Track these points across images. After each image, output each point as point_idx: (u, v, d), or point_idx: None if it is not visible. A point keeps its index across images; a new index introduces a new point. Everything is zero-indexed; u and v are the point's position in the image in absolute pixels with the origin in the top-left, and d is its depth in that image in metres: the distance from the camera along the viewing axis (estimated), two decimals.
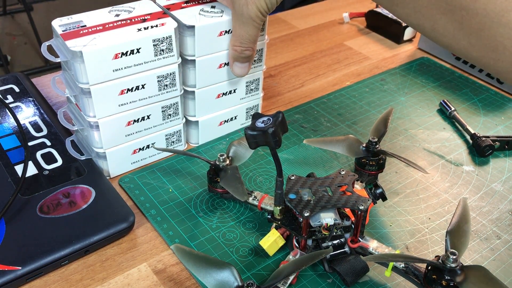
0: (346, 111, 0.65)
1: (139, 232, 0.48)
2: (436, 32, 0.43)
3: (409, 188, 0.54)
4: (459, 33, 0.42)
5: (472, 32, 0.41)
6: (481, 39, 0.40)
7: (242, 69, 0.53)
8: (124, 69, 0.48)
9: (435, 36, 0.44)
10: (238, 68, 0.53)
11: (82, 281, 0.43)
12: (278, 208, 0.44)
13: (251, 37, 0.51)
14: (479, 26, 0.40)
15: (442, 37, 0.43)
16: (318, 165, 0.57)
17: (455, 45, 0.43)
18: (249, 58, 0.53)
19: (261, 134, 0.39)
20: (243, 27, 0.50)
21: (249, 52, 0.52)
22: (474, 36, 0.41)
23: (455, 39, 0.42)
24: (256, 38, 0.51)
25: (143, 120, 0.52)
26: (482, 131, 0.62)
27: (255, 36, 0.51)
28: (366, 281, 0.44)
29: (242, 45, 0.51)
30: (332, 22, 0.89)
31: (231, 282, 0.38)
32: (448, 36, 0.43)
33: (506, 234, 0.49)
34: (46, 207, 0.47)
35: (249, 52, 0.52)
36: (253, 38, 0.51)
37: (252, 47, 0.52)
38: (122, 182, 0.53)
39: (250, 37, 0.51)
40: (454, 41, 0.42)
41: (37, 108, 0.59)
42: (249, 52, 0.52)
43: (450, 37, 0.42)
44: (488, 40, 0.40)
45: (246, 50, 0.52)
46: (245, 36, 0.50)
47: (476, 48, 0.42)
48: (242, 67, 0.53)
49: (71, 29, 0.47)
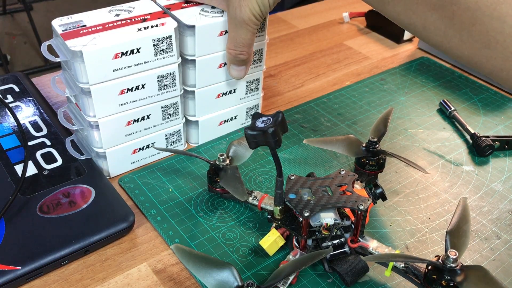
0: (346, 111, 0.65)
1: (139, 232, 0.48)
2: (427, 31, 0.42)
3: (409, 188, 0.54)
4: (450, 30, 0.41)
5: (463, 28, 0.40)
6: (473, 34, 0.40)
7: (239, 72, 0.53)
8: (124, 69, 0.48)
9: (427, 35, 0.43)
10: (235, 71, 0.53)
11: (82, 281, 0.43)
12: (278, 208, 0.44)
13: (244, 41, 0.50)
14: (470, 21, 0.39)
15: (433, 35, 0.42)
16: (318, 165, 0.57)
17: (447, 44, 0.42)
18: (245, 61, 0.53)
19: (261, 134, 0.39)
20: (236, 31, 0.49)
21: (244, 56, 0.51)
22: (465, 32, 0.40)
23: (446, 37, 0.42)
24: (250, 41, 0.51)
25: (143, 120, 0.52)
26: (482, 131, 0.62)
27: (249, 40, 0.50)
28: (366, 281, 0.44)
29: (236, 48, 0.51)
30: (332, 22, 0.89)
31: (231, 282, 0.38)
32: (439, 34, 0.42)
33: (506, 234, 0.49)
34: (46, 207, 0.47)
35: (244, 56, 0.52)
36: (247, 41, 0.50)
37: (246, 51, 0.51)
38: (122, 182, 0.53)
39: (244, 41, 0.50)
40: (446, 39, 0.42)
41: (37, 107, 0.59)
42: (244, 56, 0.51)
43: (441, 35, 0.42)
44: (480, 36, 0.39)
45: (240, 54, 0.51)
46: (239, 40, 0.50)
47: (467, 45, 0.41)
48: (238, 70, 0.53)
49: (71, 28, 0.47)
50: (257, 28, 0.50)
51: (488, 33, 0.39)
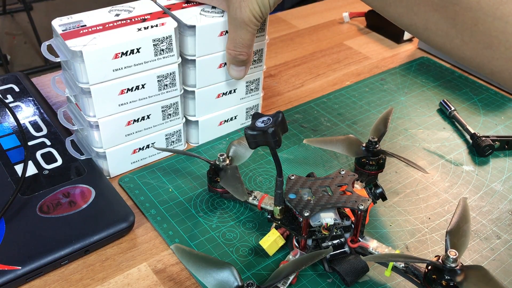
0: (346, 111, 0.65)
1: (139, 232, 0.48)
2: (429, 31, 0.42)
3: (409, 188, 0.54)
4: (452, 30, 0.41)
5: (465, 28, 0.40)
6: (475, 35, 0.40)
7: (239, 72, 0.53)
8: (124, 69, 0.48)
9: (428, 36, 0.43)
10: (234, 71, 0.53)
11: (82, 281, 0.43)
12: (278, 208, 0.44)
13: (244, 41, 0.50)
14: (472, 21, 0.39)
15: (435, 36, 0.42)
16: (318, 165, 0.57)
17: (448, 44, 0.42)
18: (245, 62, 0.53)
19: (261, 134, 0.39)
20: (236, 31, 0.49)
21: (243, 57, 0.52)
22: (467, 33, 0.40)
23: (448, 37, 0.41)
24: (250, 42, 0.51)
25: (143, 120, 0.52)
26: (482, 131, 0.62)
27: (249, 41, 0.50)
28: (366, 281, 0.44)
29: (235, 49, 0.51)
30: (332, 22, 0.89)
31: (231, 282, 0.38)
32: (441, 34, 0.42)
33: (506, 234, 0.49)
34: (46, 207, 0.47)
35: (243, 57, 0.52)
36: (247, 42, 0.50)
37: (246, 51, 0.51)
38: (122, 182, 0.53)
39: (244, 41, 0.50)
40: (447, 39, 0.42)
41: (37, 107, 0.59)
42: (243, 57, 0.52)
43: (443, 36, 0.42)
44: (482, 36, 0.39)
45: (240, 55, 0.51)
46: (239, 41, 0.50)
47: (469, 46, 0.41)
48: (238, 70, 0.53)
49: (71, 28, 0.47)
50: (257, 29, 0.50)
51: (490, 33, 0.39)
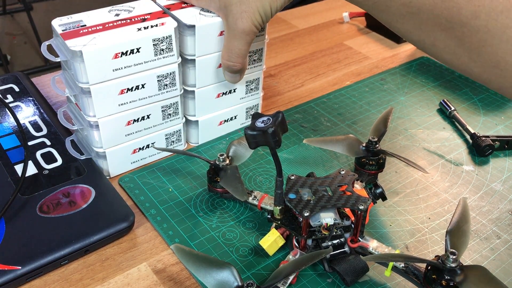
0: (346, 111, 0.65)
1: (139, 232, 0.48)
2: (437, 48, 0.43)
3: (409, 187, 0.54)
4: (459, 49, 0.41)
5: (473, 48, 0.40)
6: (483, 55, 0.40)
7: (233, 78, 0.54)
8: (124, 69, 0.48)
9: (436, 51, 0.43)
10: (229, 77, 0.54)
11: (82, 281, 0.43)
12: (278, 208, 0.44)
13: (240, 52, 0.50)
14: (480, 43, 0.39)
15: (443, 53, 0.43)
16: (318, 165, 0.57)
17: (456, 61, 0.42)
18: (239, 71, 0.53)
19: (261, 134, 0.39)
20: (233, 41, 0.49)
21: (237, 67, 0.52)
22: (475, 52, 0.40)
23: (455, 55, 0.42)
24: (245, 52, 0.51)
25: (143, 120, 0.52)
26: (482, 130, 0.62)
27: (244, 51, 0.50)
28: (366, 281, 0.44)
29: (230, 60, 0.51)
30: (332, 22, 0.89)
31: (231, 282, 0.38)
32: (449, 52, 0.42)
33: (506, 234, 0.49)
34: (46, 207, 0.47)
35: (237, 68, 0.52)
36: (242, 53, 0.50)
37: (240, 62, 0.51)
38: (122, 182, 0.53)
39: (240, 52, 0.50)
40: (455, 56, 0.42)
41: (37, 107, 0.59)
42: (237, 67, 0.52)
43: (451, 53, 0.42)
44: (489, 56, 0.40)
45: (233, 66, 0.51)
46: (234, 51, 0.50)
47: (477, 64, 0.41)
48: (232, 77, 0.54)
49: (71, 28, 0.47)
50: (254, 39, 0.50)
51: (497, 54, 0.39)
